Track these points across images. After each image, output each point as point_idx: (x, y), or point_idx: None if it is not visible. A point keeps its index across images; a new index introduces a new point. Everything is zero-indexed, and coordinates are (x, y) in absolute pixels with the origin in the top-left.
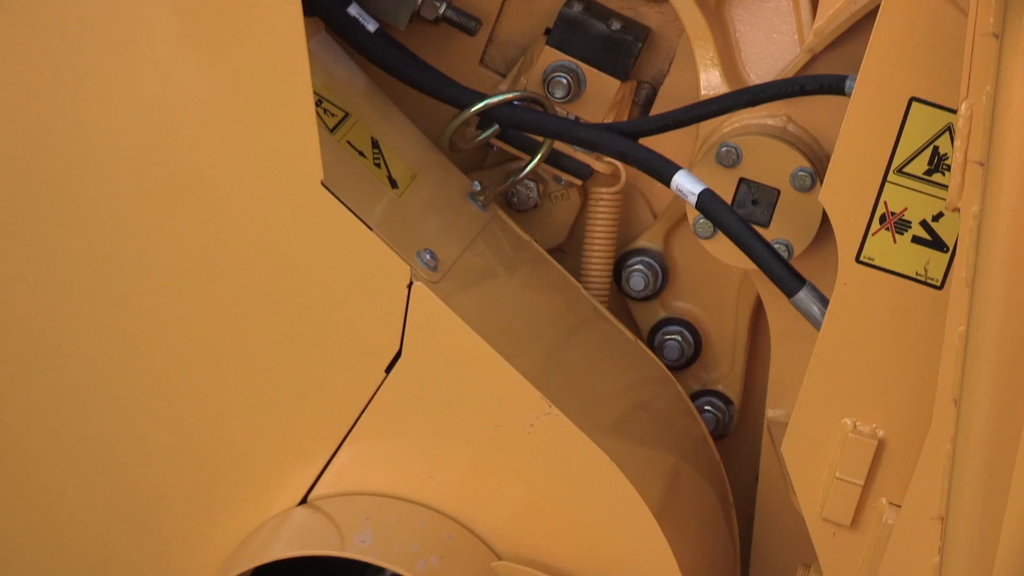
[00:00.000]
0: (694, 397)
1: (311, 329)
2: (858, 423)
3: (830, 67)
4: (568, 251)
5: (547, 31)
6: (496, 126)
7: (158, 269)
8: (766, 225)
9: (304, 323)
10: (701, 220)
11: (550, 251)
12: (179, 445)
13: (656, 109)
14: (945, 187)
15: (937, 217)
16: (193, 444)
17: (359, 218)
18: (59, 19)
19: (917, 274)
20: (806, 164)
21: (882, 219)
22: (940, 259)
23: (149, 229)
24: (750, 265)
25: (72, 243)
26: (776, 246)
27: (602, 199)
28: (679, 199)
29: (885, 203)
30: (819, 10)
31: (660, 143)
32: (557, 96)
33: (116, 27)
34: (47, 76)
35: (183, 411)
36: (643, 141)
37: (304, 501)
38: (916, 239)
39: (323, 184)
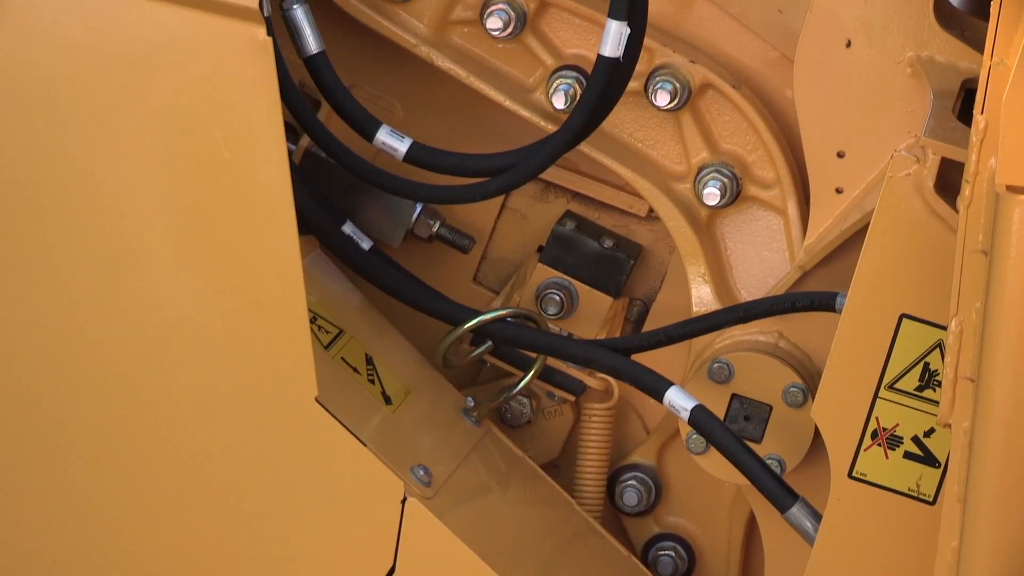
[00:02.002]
0: None
1: (305, 543)
2: None
3: (821, 284)
4: (561, 466)
5: (540, 248)
6: (489, 342)
7: (154, 484)
8: (759, 441)
9: (298, 537)
10: (694, 436)
11: (543, 466)
12: None
13: (648, 325)
14: (936, 403)
15: (929, 433)
16: None
17: (353, 434)
18: (58, 238)
19: (909, 490)
20: (798, 380)
21: (874, 435)
22: (932, 475)
23: (145, 447)
24: (743, 480)
25: (69, 463)
26: (769, 461)
27: (595, 415)
28: (672, 415)
29: (877, 419)
30: (809, 228)
31: (653, 359)
32: (550, 313)
33: (114, 249)
34: (45, 295)
35: None
36: (636, 357)
37: None
38: (908, 455)
39: (317, 400)
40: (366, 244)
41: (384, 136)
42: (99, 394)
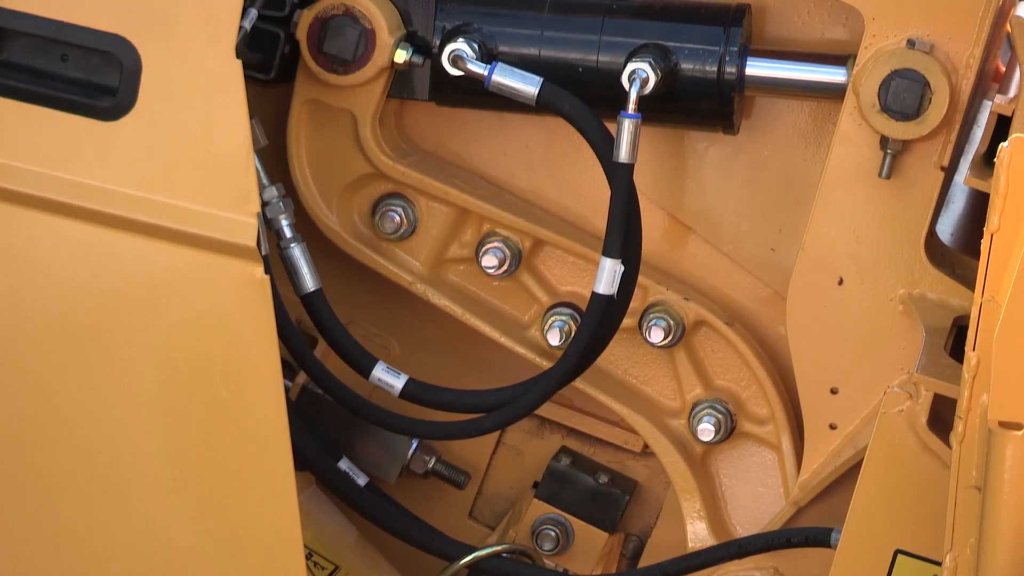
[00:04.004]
0: None
1: None
2: None
3: (815, 519)
4: None
5: (535, 484)
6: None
7: None
8: None
9: None
10: None
11: None
12: None
13: (644, 561)
14: None
15: None
16: None
17: None
18: (57, 473)
19: None
20: None
21: None
22: None
23: None
24: None
25: None
26: None
27: None
28: None
29: None
30: (803, 464)
31: None
32: (545, 548)
33: (111, 484)
34: (44, 530)
35: None
36: None
37: None
38: None
39: None
40: (362, 480)
41: (380, 372)
42: None
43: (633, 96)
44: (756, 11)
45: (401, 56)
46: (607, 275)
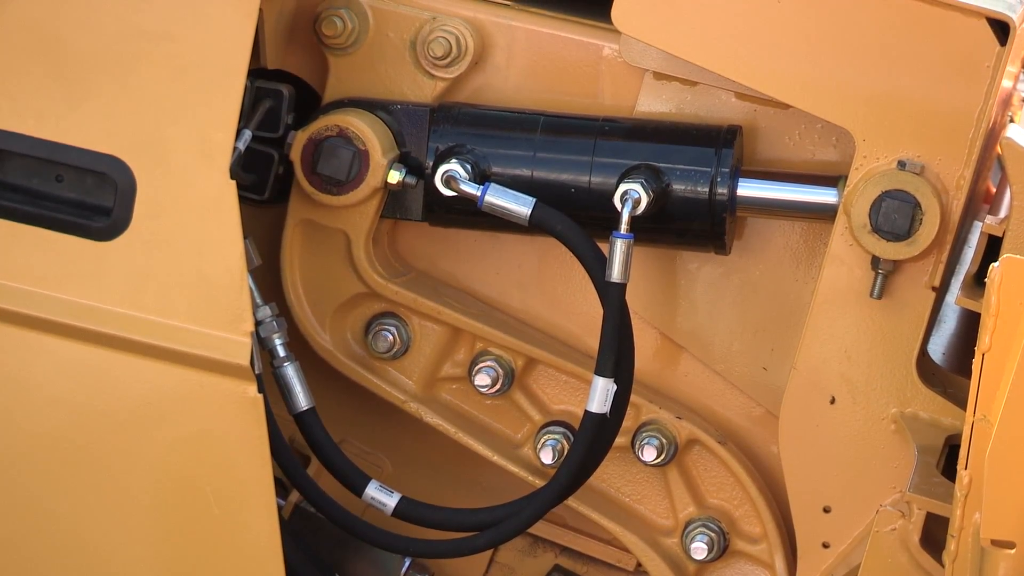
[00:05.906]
0: None
1: None
2: None
3: None
4: None
5: None
6: None
7: None
8: None
9: None
10: None
11: None
12: None
13: None
14: None
15: None
16: None
17: None
18: None
19: None
20: None
21: None
22: None
23: None
24: None
25: None
26: None
27: None
28: None
29: None
30: None
31: None
32: None
33: None
34: None
35: None
36: None
37: None
38: None
39: None
40: None
41: (373, 491)
42: None
43: (625, 216)
44: (747, 132)
45: (394, 177)
46: (600, 394)
